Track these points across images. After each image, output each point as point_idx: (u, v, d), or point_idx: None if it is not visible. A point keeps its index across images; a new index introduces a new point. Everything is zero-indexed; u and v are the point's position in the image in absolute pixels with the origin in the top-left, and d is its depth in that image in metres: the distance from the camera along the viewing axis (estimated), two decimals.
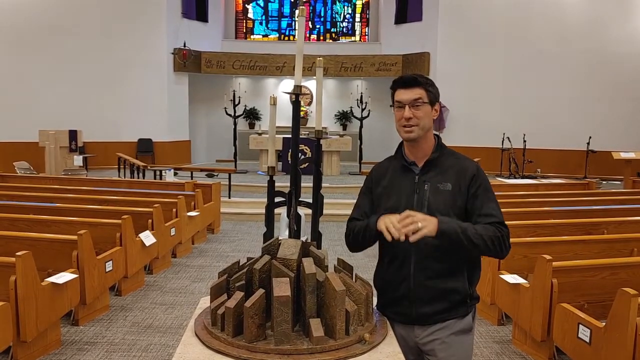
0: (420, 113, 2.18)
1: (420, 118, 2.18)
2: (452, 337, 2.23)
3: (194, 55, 15.42)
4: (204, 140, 17.10)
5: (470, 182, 2.19)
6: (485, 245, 2.09)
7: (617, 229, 5.74)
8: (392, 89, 2.26)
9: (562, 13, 14.27)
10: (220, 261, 7.05)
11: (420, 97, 2.18)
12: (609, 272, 4.12)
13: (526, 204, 6.97)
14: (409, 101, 2.18)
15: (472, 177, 2.20)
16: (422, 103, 2.18)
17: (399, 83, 2.22)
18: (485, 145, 14.05)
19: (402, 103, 2.19)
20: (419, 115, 2.18)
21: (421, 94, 2.18)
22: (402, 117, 2.19)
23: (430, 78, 2.28)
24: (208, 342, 1.92)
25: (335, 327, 1.87)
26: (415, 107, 2.18)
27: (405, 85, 2.20)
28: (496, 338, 4.67)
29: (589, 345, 3.44)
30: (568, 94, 14.27)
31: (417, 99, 2.17)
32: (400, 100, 2.20)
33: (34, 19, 14.02)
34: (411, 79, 2.20)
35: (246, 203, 10.11)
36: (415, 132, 2.19)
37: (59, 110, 13.95)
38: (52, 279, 4.20)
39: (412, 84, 2.19)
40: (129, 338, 4.58)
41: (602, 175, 13.32)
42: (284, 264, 1.97)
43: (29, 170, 11.31)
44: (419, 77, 2.21)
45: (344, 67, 15.98)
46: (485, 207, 2.17)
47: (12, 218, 5.77)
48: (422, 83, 2.20)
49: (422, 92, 2.19)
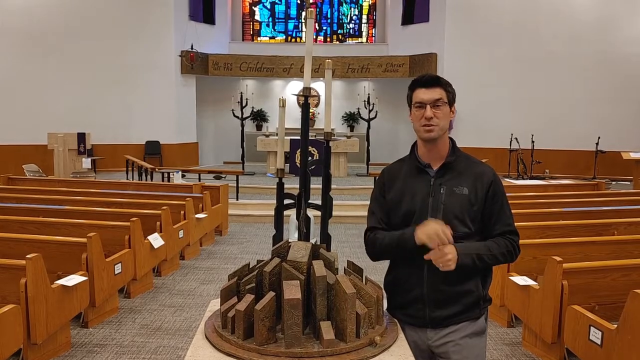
0: (440, 113, 2.18)
1: (440, 118, 2.18)
2: (466, 339, 2.22)
3: (202, 57, 15.47)
4: (212, 142, 17.14)
5: (488, 188, 2.20)
6: (498, 261, 2.21)
7: (628, 230, 5.70)
8: (411, 88, 2.24)
9: (571, 13, 14.21)
10: (228, 263, 7.05)
11: (441, 97, 2.18)
12: (620, 274, 4.09)
13: (535, 205, 6.93)
14: (430, 101, 2.17)
15: (490, 184, 2.21)
16: (443, 103, 2.18)
17: (420, 83, 2.21)
18: (493, 146, 13.99)
19: (424, 103, 2.17)
20: (440, 115, 2.18)
21: (442, 94, 2.18)
22: (423, 117, 2.18)
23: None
24: (219, 345, 1.91)
25: (346, 329, 1.87)
26: (436, 107, 2.17)
27: (426, 85, 2.19)
28: (506, 340, 4.65)
29: (600, 348, 3.41)
30: (576, 94, 14.20)
31: (439, 99, 2.17)
32: (422, 100, 2.18)
33: (42, 23, 14.13)
34: (433, 79, 2.20)
35: (254, 205, 10.12)
36: (435, 132, 2.19)
37: (68, 113, 14.04)
38: (62, 282, 4.22)
39: (434, 84, 2.19)
40: (138, 340, 4.59)
41: (612, 175, 13.24)
42: (294, 266, 1.97)
43: (38, 172, 11.39)
44: (439, 77, 2.22)
45: (351, 69, 15.97)
46: (500, 217, 2.22)
47: (22, 221, 5.81)
48: (442, 83, 2.20)
49: (442, 92, 2.19)
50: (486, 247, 2.16)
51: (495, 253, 2.16)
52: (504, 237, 2.20)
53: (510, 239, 2.20)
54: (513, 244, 2.21)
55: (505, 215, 2.23)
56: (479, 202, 2.19)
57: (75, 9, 14.27)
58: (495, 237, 2.20)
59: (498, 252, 2.17)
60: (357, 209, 9.67)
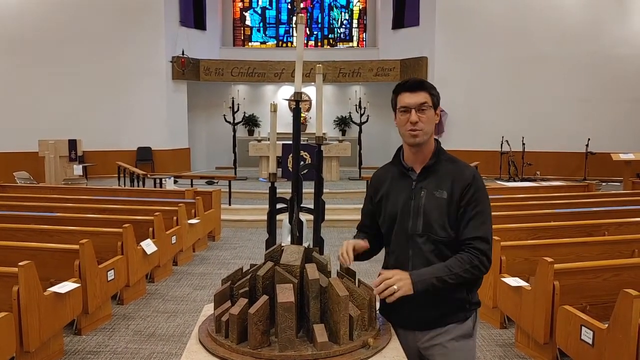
0: (425, 117, 2.17)
1: (425, 122, 2.17)
2: (453, 342, 2.22)
3: (193, 63, 15.46)
4: (204, 148, 17.12)
5: (462, 192, 2.15)
6: (464, 278, 2.12)
7: (618, 230, 5.74)
8: (396, 93, 2.23)
9: (560, 15, 14.31)
10: (221, 268, 7.04)
11: (426, 101, 2.16)
12: (611, 274, 4.13)
13: (526, 206, 6.98)
14: (415, 105, 2.16)
15: (466, 187, 2.16)
16: (428, 107, 2.17)
17: (404, 87, 2.20)
18: (484, 149, 14.06)
19: (409, 107, 2.16)
20: (425, 119, 2.17)
21: (427, 97, 2.17)
22: (408, 121, 2.17)
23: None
24: (212, 349, 1.92)
25: (339, 332, 1.88)
26: (421, 111, 2.16)
27: (411, 89, 2.18)
28: (499, 341, 4.67)
29: (592, 347, 3.44)
30: (566, 96, 14.30)
31: (424, 102, 2.16)
32: (407, 105, 2.17)
33: (33, 29, 14.07)
34: (417, 83, 2.19)
35: (246, 210, 10.11)
36: (420, 137, 2.18)
37: (59, 119, 13.97)
38: (55, 289, 4.20)
39: (418, 88, 2.18)
40: (131, 347, 4.58)
41: (602, 176, 13.34)
42: (287, 270, 1.98)
43: (29, 180, 11.33)
44: (423, 81, 2.22)
45: (342, 73, 16.02)
46: (470, 223, 2.15)
47: (13, 228, 5.77)
48: (427, 87, 2.19)
49: (427, 96, 2.17)
50: (446, 268, 2.10)
51: (457, 272, 2.09)
52: (469, 250, 2.13)
53: (474, 253, 2.12)
54: (479, 257, 2.12)
55: (478, 221, 2.14)
56: (455, 205, 2.16)
57: (66, 15, 14.22)
58: (461, 250, 2.14)
59: (461, 270, 2.10)
60: (350, 213, 9.69)
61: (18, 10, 14.00)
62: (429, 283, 2.07)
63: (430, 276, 2.08)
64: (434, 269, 2.11)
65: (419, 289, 2.06)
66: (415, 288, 2.06)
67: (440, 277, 2.08)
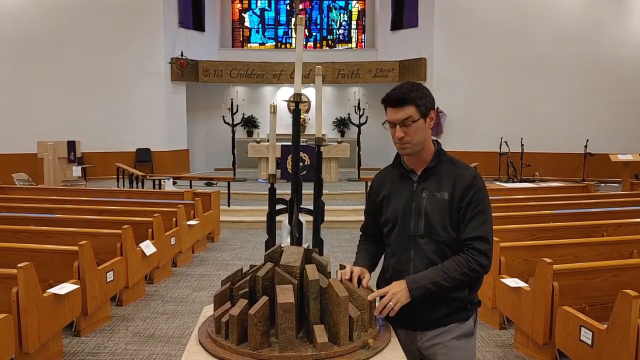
0: (411, 130, 2.14)
1: (412, 135, 2.15)
2: (454, 341, 2.23)
3: (192, 64, 15.47)
4: (203, 149, 17.12)
5: (463, 193, 2.16)
6: (461, 281, 2.14)
7: (617, 231, 5.75)
8: (383, 105, 2.22)
9: (559, 16, 14.34)
10: (220, 269, 7.04)
11: (409, 116, 2.13)
12: (610, 274, 4.13)
13: (525, 207, 6.98)
14: (398, 121, 2.14)
15: (466, 188, 2.16)
16: (412, 122, 2.14)
17: (388, 102, 2.18)
18: (483, 150, 14.08)
19: (393, 123, 2.16)
20: (411, 132, 2.15)
21: (411, 112, 2.13)
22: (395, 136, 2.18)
23: (421, 86, 2.19)
24: (212, 350, 1.92)
25: (339, 333, 1.88)
26: (406, 126, 2.15)
27: (393, 105, 2.16)
28: (498, 342, 4.67)
29: (591, 348, 3.44)
30: (565, 97, 14.33)
31: (406, 118, 2.13)
32: (392, 120, 2.17)
33: (31, 30, 14.05)
34: (399, 99, 2.14)
35: (245, 211, 10.11)
36: (409, 149, 2.18)
37: (57, 121, 13.95)
38: (54, 290, 4.20)
39: (400, 103, 2.14)
40: (131, 348, 4.58)
41: (600, 177, 13.36)
42: (287, 271, 1.98)
43: (28, 181, 11.31)
44: (406, 93, 2.13)
45: (341, 74, 16.03)
46: (470, 223, 2.15)
47: (13, 230, 5.77)
48: (409, 100, 2.12)
49: (411, 110, 2.13)
50: (443, 272, 2.12)
51: (454, 275, 2.11)
52: (467, 251, 2.14)
53: (473, 254, 2.13)
54: (477, 259, 2.12)
55: (478, 221, 2.15)
56: (456, 206, 2.16)
57: (65, 16, 14.20)
58: (461, 250, 2.16)
59: (457, 273, 2.11)
60: (349, 214, 9.69)
61: (17, 11, 13.99)
62: (426, 288, 2.10)
63: (427, 281, 2.11)
64: (431, 273, 2.13)
65: (416, 295, 2.09)
66: (412, 295, 2.09)
67: (436, 282, 2.11)
